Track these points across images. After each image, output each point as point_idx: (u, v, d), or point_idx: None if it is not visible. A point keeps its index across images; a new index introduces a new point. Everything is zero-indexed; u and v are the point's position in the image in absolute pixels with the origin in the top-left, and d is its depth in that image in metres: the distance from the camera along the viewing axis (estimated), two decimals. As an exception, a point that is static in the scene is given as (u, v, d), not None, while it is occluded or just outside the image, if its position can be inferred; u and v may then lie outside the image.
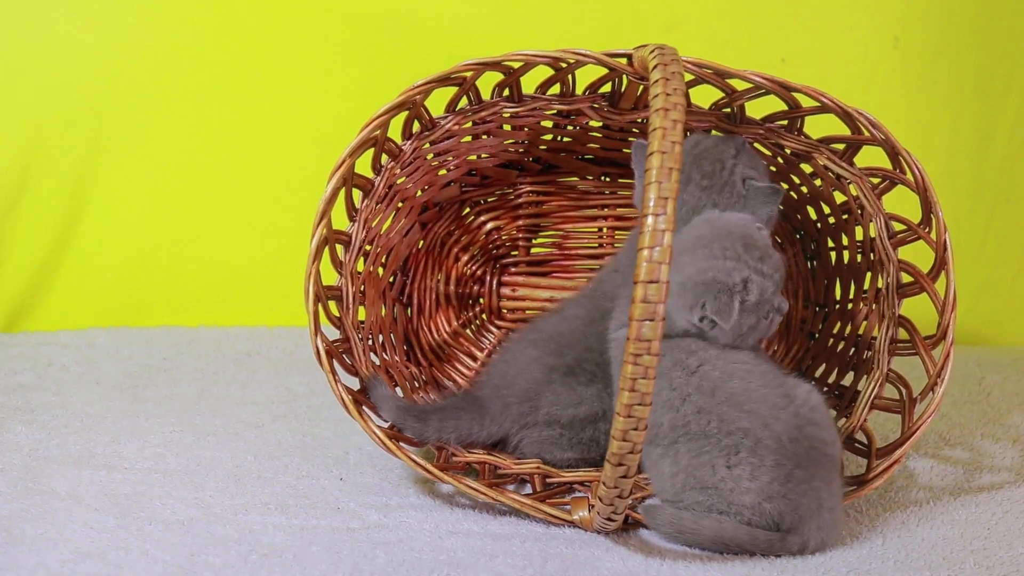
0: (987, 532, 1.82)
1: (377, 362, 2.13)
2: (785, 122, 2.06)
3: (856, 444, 1.98)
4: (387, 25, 2.93)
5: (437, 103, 2.03)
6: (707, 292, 1.77)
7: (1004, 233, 3.07)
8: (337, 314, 2.00)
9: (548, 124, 2.25)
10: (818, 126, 2.04)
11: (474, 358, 2.42)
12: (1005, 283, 3.09)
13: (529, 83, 2.07)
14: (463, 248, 2.41)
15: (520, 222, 2.43)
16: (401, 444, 1.86)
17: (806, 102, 1.96)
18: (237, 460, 2.07)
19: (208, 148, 2.99)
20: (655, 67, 1.62)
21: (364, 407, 1.91)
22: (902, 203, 2.02)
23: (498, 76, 2.02)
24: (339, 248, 2.00)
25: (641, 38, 1.92)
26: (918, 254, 1.99)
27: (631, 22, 2.95)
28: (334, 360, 1.90)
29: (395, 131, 2.01)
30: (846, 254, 2.21)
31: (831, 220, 2.22)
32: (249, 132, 2.98)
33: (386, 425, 1.92)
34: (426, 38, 2.92)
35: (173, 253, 3.02)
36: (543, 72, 2.02)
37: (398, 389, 2.13)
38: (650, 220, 1.49)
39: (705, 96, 2.05)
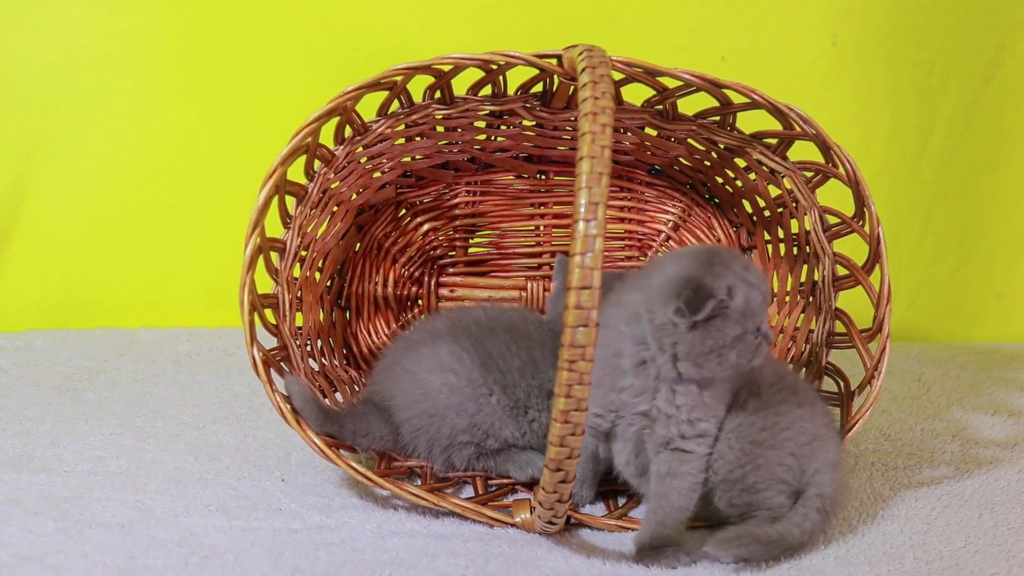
0: (927, 527, 1.84)
1: (316, 367, 2.13)
2: (717, 118, 2.08)
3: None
4: (323, 29, 2.93)
5: (369, 107, 2.03)
6: (686, 287, 1.64)
7: (943, 230, 3.10)
8: (274, 322, 1.99)
9: (481, 124, 2.25)
10: (752, 122, 2.06)
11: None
12: (944, 279, 3.13)
13: (462, 84, 2.07)
14: (400, 250, 2.40)
15: (457, 222, 2.43)
16: (340, 451, 1.85)
17: (737, 98, 1.98)
18: (178, 462, 2.06)
19: (146, 149, 2.97)
20: (583, 70, 1.63)
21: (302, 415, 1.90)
22: (837, 197, 2.04)
23: (429, 79, 2.02)
24: (274, 255, 1.99)
25: (581, 36, 1.93)
26: (853, 248, 2.01)
27: (572, 20, 2.96)
28: (271, 369, 1.89)
29: (327, 137, 2.01)
30: (782, 247, 2.23)
31: (766, 213, 2.24)
32: (187, 133, 2.97)
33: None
34: (363, 40, 2.92)
35: (112, 255, 3.00)
36: (476, 73, 2.03)
37: (338, 395, 2.13)
38: (581, 225, 1.49)
39: (643, 94, 2.07)
